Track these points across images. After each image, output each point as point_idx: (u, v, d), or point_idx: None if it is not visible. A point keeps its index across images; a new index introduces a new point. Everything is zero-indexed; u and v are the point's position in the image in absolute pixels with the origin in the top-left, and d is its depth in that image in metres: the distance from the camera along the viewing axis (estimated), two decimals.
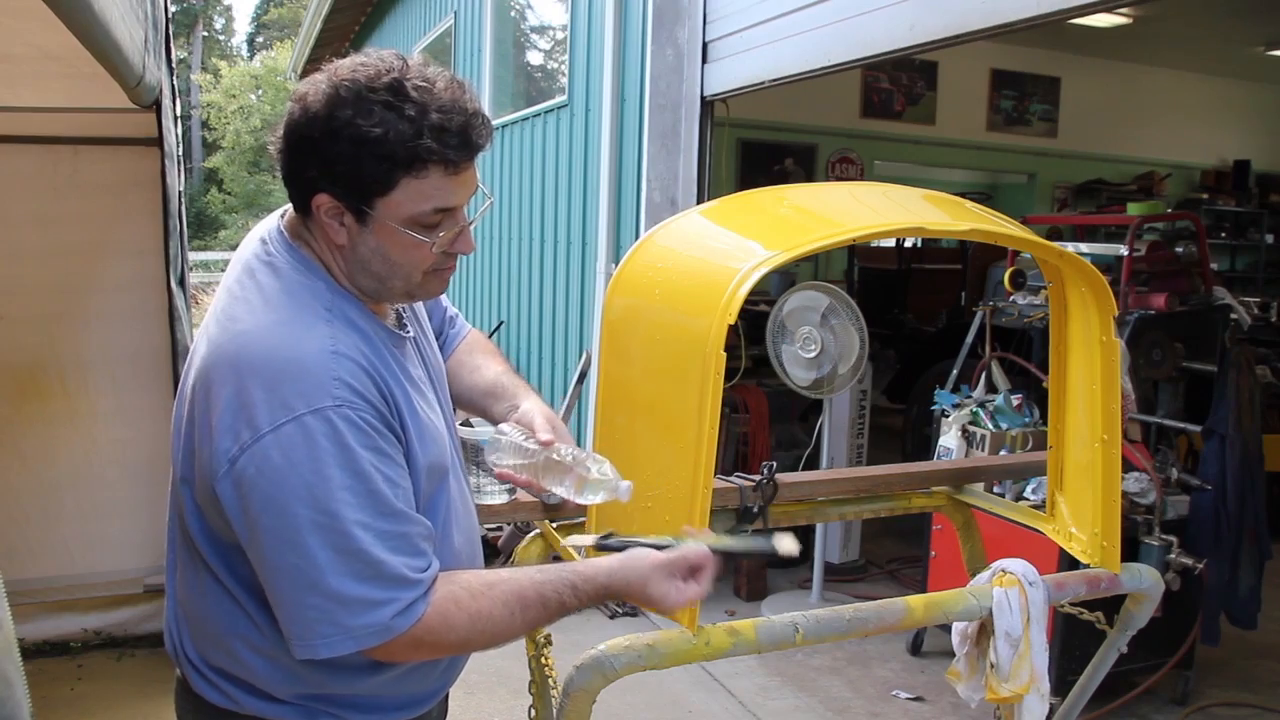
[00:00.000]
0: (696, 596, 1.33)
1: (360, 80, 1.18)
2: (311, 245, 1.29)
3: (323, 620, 1.16)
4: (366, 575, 1.16)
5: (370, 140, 1.17)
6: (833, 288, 4.19)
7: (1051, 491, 1.94)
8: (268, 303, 1.23)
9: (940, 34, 3.17)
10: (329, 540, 1.15)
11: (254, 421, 1.15)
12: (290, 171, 1.24)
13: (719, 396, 1.39)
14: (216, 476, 1.17)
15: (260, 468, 1.14)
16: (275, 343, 1.19)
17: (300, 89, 1.23)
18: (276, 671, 1.28)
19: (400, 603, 1.17)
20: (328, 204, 1.22)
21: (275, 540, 1.15)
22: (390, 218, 1.21)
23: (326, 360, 1.18)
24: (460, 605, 1.22)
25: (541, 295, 6.17)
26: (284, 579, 1.17)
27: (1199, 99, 9.22)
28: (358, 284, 1.29)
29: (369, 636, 1.17)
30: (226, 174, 26.84)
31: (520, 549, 1.86)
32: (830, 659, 4.02)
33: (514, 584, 1.26)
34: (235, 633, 1.28)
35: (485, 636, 1.25)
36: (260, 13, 33.98)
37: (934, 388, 4.28)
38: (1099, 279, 1.68)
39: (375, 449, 1.19)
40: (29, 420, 3.74)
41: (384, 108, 1.17)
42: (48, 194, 3.63)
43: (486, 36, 7.55)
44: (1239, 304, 4.18)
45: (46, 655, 3.69)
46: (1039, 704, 1.72)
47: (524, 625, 1.26)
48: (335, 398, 1.16)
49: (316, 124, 1.19)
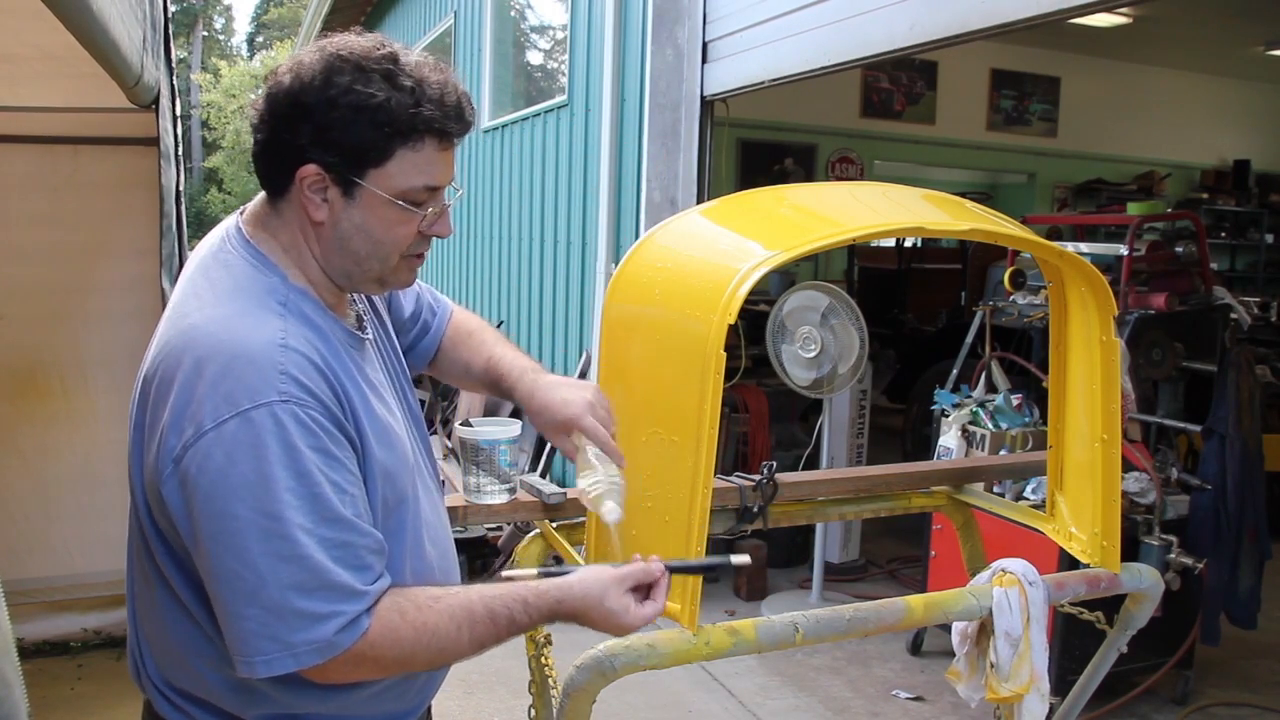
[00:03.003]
0: (652, 614, 1.28)
1: (356, 52, 1.18)
2: (276, 237, 1.25)
3: (261, 635, 1.09)
4: (309, 586, 1.10)
5: (370, 107, 1.15)
6: (833, 288, 4.19)
7: (1051, 491, 1.94)
8: (218, 297, 1.19)
9: (940, 34, 3.17)
10: (269, 546, 1.09)
11: (197, 417, 1.09)
12: (274, 143, 1.20)
13: (719, 396, 1.39)
14: (162, 477, 1.12)
15: (202, 466, 1.09)
16: (222, 336, 1.13)
17: (288, 61, 1.20)
18: (240, 692, 1.21)
19: (344, 617, 1.11)
20: (313, 176, 1.18)
21: (215, 545, 1.10)
22: (382, 189, 1.19)
23: (274, 353, 1.13)
24: (405, 617, 1.16)
25: (541, 295, 6.17)
26: (224, 587, 1.10)
27: (1199, 99, 9.22)
28: (331, 268, 1.25)
29: (310, 654, 1.10)
30: (226, 174, 26.85)
31: (520, 549, 1.85)
32: (830, 659, 4.02)
33: (462, 598, 1.20)
34: (195, 651, 1.22)
35: (430, 653, 1.18)
36: (260, 13, 33.99)
37: (934, 388, 4.28)
38: (1099, 279, 1.68)
39: (322, 450, 1.13)
40: (28, 420, 3.74)
41: (382, 77, 1.16)
42: (47, 194, 3.62)
43: (486, 36, 7.55)
44: (1239, 304, 4.18)
45: (46, 655, 3.68)
46: (1039, 704, 1.72)
47: (471, 642, 1.19)
48: (281, 393, 1.11)
49: (311, 90, 1.16)
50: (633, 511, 1.52)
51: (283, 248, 1.24)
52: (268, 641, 1.10)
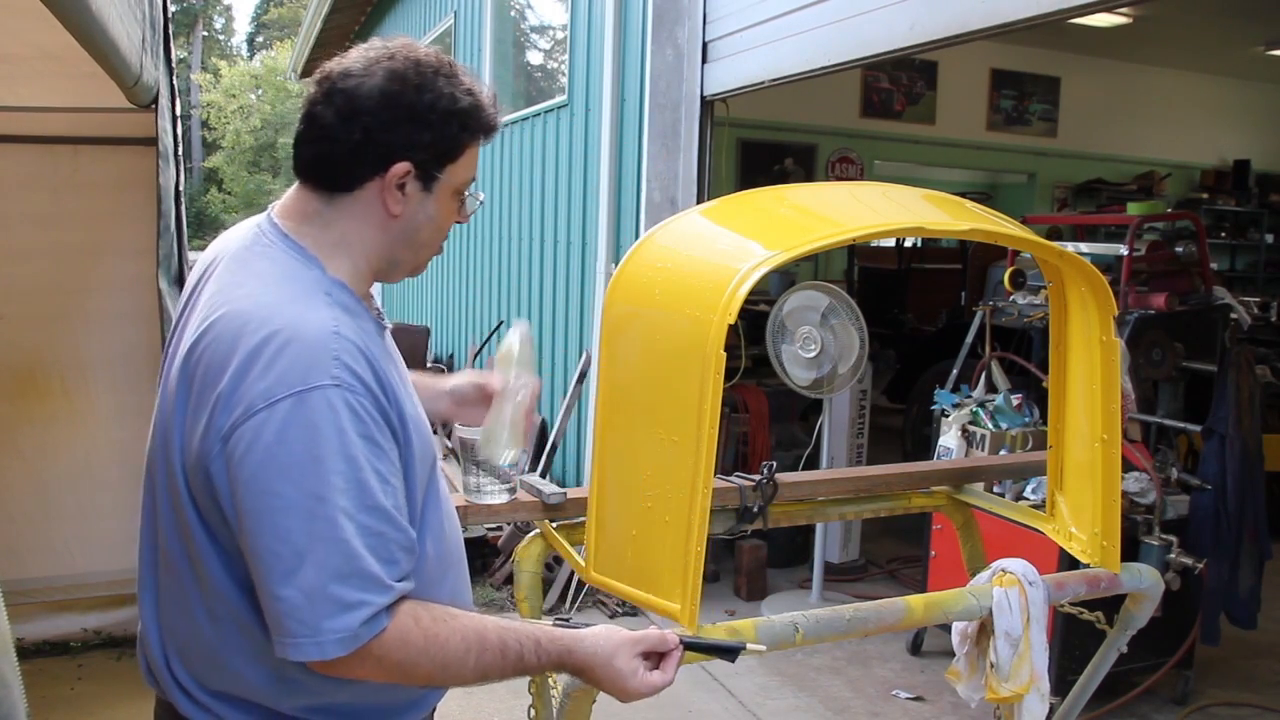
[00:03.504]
0: (660, 684, 1.26)
1: (431, 60, 1.28)
2: (326, 230, 1.28)
3: (293, 618, 1.11)
4: (344, 571, 1.11)
5: (458, 111, 1.27)
6: (833, 288, 4.19)
7: (1051, 491, 1.94)
8: (265, 285, 1.22)
9: (940, 34, 3.17)
10: (312, 526, 1.11)
11: (248, 397, 1.12)
12: (366, 142, 1.24)
13: (719, 396, 1.39)
14: (210, 455, 1.14)
15: (250, 444, 1.11)
16: (277, 319, 1.16)
17: (356, 63, 1.26)
18: (279, 684, 1.23)
19: (370, 608, 1.13)
20: (403, 172, 1.26)
21: (257, 523, 1.11)
22: (449, 184, 1.30)
23: (328, 339, 1.16)
24: (420, 624, 1.17)
25: (541, 295, 6.17)
26: (264, 566, 1.12)
27: (1199, 99, 9.22)
28: (384, 258, 1.31)
29: (334, 644, 1.11)
30: (226, 174, 26.85)
31: (520, 549, 1.86)
32: (830, 659, 4.02)
33: (477, 623, 1.22)
34: (234, 648, 1.23)
35: (433, 666, 1.18)
36: (260, 13, 33.99)
37: (934, 388, 4.28)
38: (1099, 279, 1.68)
39: (369, 438, 1.15)
40: (28, 420, 3.74)
41: (450, 82, 1.27)
42: (47, 194, 3.62)
43: (486, 36, 7.55)
44: (1239, 304, 4.18)
45: (46, 655, 3.68)
46: (1039, 704, 1.72)
47: (476, 668, 1.20)
48: (334, 377, 1.14)
49: (414, 92, 1.24)
50: (633, 511, 1.52)
51: (330, 241, 1.28)
52: (298, 624, 1.11)
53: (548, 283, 6.07)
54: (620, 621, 4.27)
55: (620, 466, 1.59)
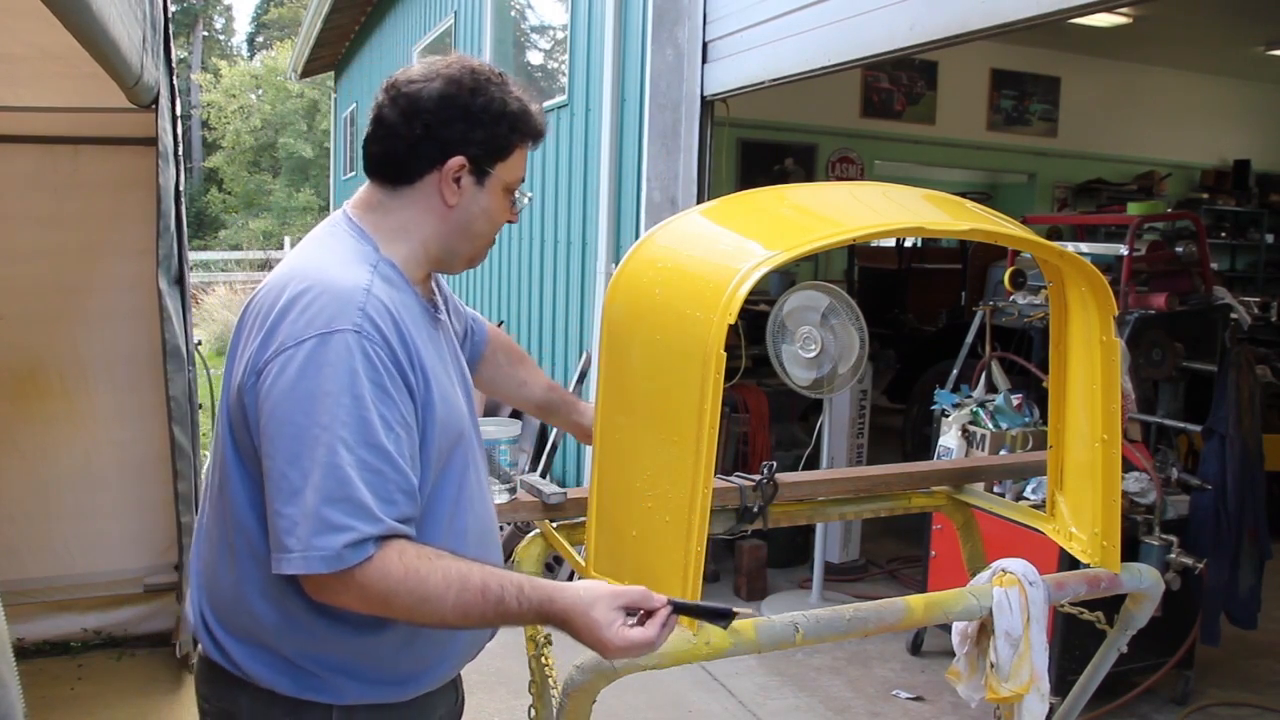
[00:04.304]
0: (640, 640, 1.25)
1: (485, 69, 1.43)
2: (388, 218, 1.42)
3: (289, 533, 1.22)
4: (335, 495, 1.21)
5: (508, 113, 1.42)
6: (833, 287, 4.19)
7: (1051, 491, 1.94)
8: (321, 254, 1.39)
9: (940, 34, 3.17)
10: (314, 452, 1.21)
11: (281, 336, 1.26)
12: (427, 138, 1.39)
13: (719, 396, 1.39)
14: (245, 387, 1.28)
15: (276, 378, 1.24)
16: (317, 275, 1.32)
17: (419, 71, 1.42)
18: (286, 621, 1.32)
19: (354, 534, 1.21)
20: (458, 166, 1.40)
21: (273, 447, 1.24)
22: (500, 180, 1.44)
23: (357, 294, 1.29)
24: (403, 558, 1.23)
25: (541, 295, 6.17)
26: (273, 488, 1.24)
27: (1199, 99, 9.22)
28: (441, 247, 1.45)
29: (318, 560, 1.20)
30: (226, 174, 26.82)
31: (520, 549, 1.86)
32: (830, 659, 4.02)
33: (463, 565, 1.26)
34: (250, 581, 1.33)
35: (412, 599, 1.23)
36: (260, 13, 33.97)
37: (934, 388, 4.28)
38: (1099, 279, 1.68)
39: (379, 384, 1.26)
40: (28, 420, 3.74)
41: (501, 89, 1.42)
42: (47, 194, 3.63)
43: (486, 36, 7.55)
44: (1239, 304, 4.17)
45: (46, 655, 3.68)
46: (1039, 704, 1.72)
47: (456, 608, 1.24)
48: (355, 325, 1.26)
49: (469, 94, 1.40)
50: (633, 512, 1.52)
51: (390, 227, 1.43)
52: (291, 539, 1.22)
53: (548, 283, 6.07)
54: None
55: (620, 466, 1.59)
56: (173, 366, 3.07)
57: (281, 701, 1.35)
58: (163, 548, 3.80)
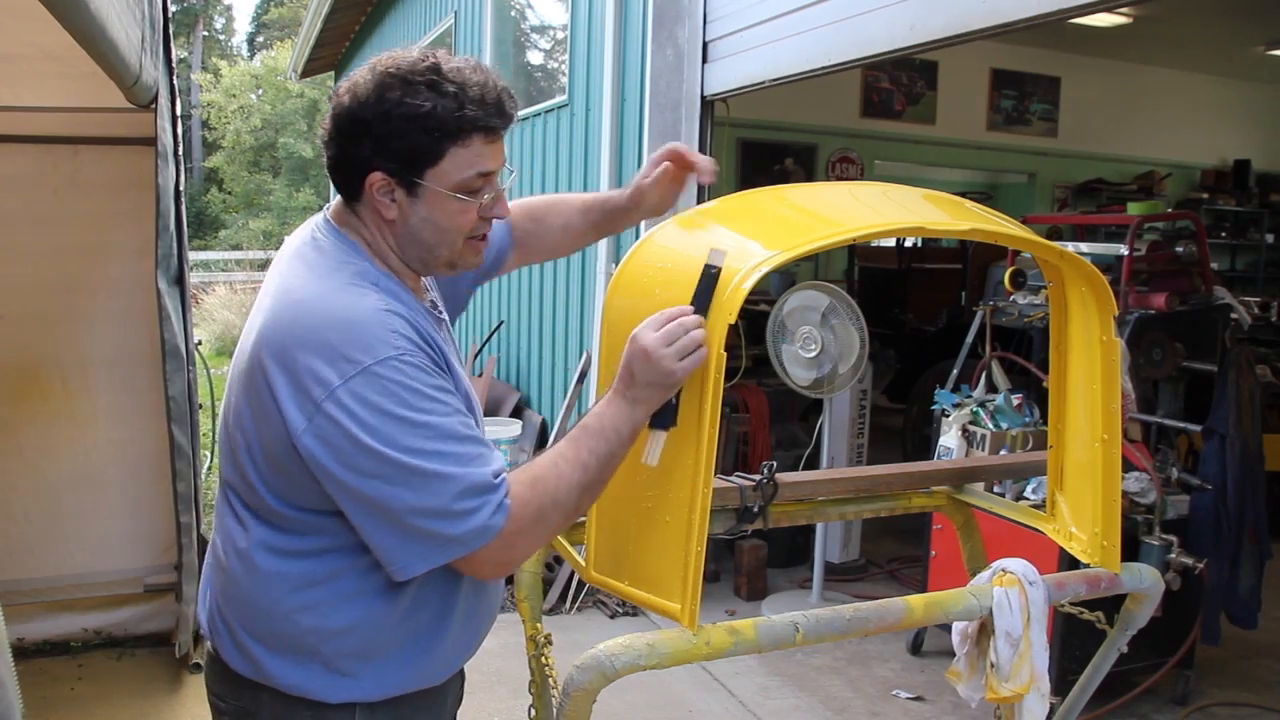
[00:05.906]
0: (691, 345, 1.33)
1: (403, 67, 1.32)
2: (360, 231, 1.40)
3: (424, 539, 1.25)
4: (456, 493, 1.25)
5: (420, 116, 1.30)
6: (833, 287, 4.18)
7: (1051, 491, 1.94)
8: (317, 275, 1.34)
9: (940, 34, 3.17)
10: (410, 477, 1.23)
11: (324, 379, 1.23)
12: (341, 156, 1.36)
13: (719, 396, 1.39)
14: (296, 435, 1.25)
15: (336, 419, 1.23)
16: (333, 307, 1.29)
17: (344, 84, 1.36)
18: (323, 622, 1.34)
19: (492, 504, 1.26)
20: (380, 181, 1.34)
21: (364, 481, 1.24)
22: (440, 185, 1.34)
23: (381, 316, 1.28)
24: (520, 480, 1.31)
25: (541, 295, 6.17)
26: (379, 514, 1.25)
27: (1199, 99, 9.22)
28: (406, 257, 1.41)
29: (473, 538, 1.26)
30: (226, 174, 26.81)
31: None
32: (830, 659, 4.02)
33: (556, 446, 1.34)
34: (287, 587, 1.34)
35: (548, 494, 1.30)
36: (260, 13, 33.96)
37: (934, 388, 4.28)
38: (1099, 278, 1.68)
39: (438, 386, 1.28)
40: (29, 419, 3.74)
41: (428, 87, 1.31)
42: (47, 194, 3.63)
43: (486, 36, 7.55)
44: (1239, 304, 4.17)
45: (46, 655, 3.68)
46: (1039, 704, 1.72)
47: (575, 462, 1.32)
48: (396, 347, 1.26)
49: (368, 107, 1.32)
50: (633, 511, 1.52)
51: (366, 239, 1.40)
52: (445, 534, 1.25)
53: (548, 283, 6.07)
54: (621, 621, 4.27)
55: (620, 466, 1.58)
56: (172, 366, 3.07)
57: (305, 699, 1.36)
58: (163, 548, 3.80)
